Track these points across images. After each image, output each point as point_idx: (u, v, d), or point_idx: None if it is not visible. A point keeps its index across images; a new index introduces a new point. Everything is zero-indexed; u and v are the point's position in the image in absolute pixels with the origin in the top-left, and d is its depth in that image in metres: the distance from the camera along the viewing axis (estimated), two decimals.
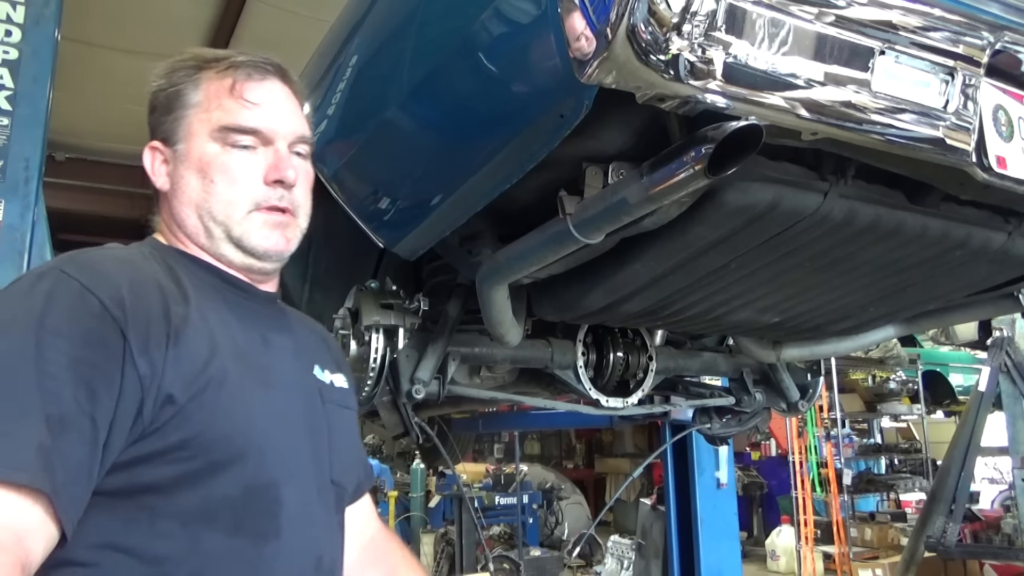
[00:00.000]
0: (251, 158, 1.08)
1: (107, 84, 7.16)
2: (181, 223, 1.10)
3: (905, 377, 9.13)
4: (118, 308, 0.91)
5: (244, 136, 1.08)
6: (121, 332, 0.90)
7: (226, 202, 1.07)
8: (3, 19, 2.55)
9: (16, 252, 2.45)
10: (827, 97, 1.20)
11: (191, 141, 1.08)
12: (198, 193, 1.08)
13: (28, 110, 2.53)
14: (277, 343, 1.11)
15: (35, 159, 2.53)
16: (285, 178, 1.08)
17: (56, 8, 2.64)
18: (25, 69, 2.55)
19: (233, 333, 1.03)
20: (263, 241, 1.09)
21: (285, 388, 1.08)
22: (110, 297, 0.92)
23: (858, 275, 1.85)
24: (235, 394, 0.97)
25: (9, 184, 2.48)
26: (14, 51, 2.55)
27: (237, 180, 1.07)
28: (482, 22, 1.35)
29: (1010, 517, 6.60)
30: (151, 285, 0.98)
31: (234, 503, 0.95)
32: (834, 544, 7.43)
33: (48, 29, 2.61)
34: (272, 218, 1.09)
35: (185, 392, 0.93)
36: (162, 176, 1.11)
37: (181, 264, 1.07)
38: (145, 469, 0.91)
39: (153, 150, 1.12)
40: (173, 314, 0.96)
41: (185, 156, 1.09)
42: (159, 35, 6.46)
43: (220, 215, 1.07)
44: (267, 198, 1.08)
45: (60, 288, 0.92)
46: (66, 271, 0.94)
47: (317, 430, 1.10)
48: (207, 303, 1.03)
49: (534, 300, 2.07)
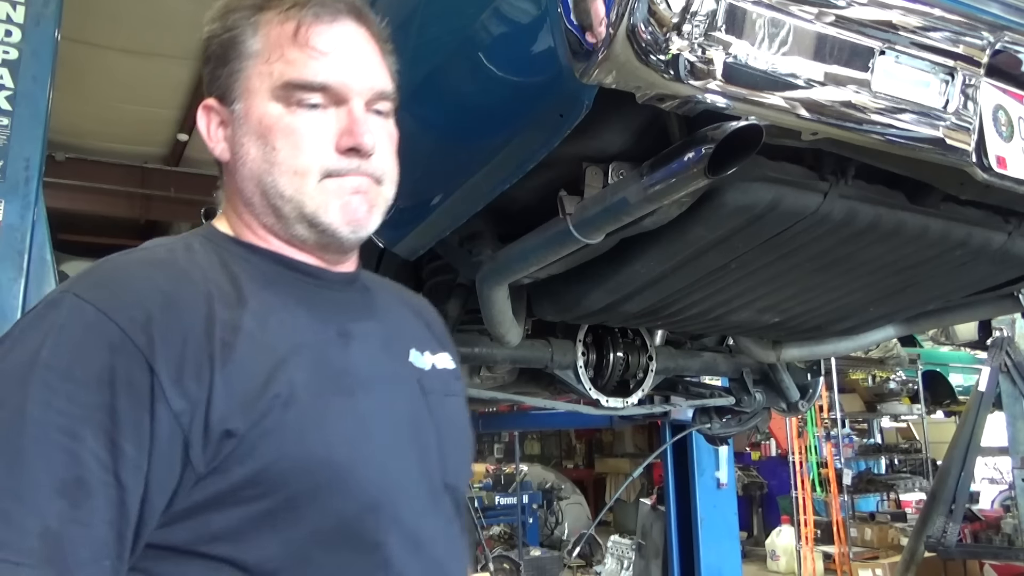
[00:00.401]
0: (321, 119, 0.89)
1: (107, 84, 7.16)
2: (247, 201, 0.92)
3: (905, 377, 9.13)
4: (141, 333, 0.76)
5: (311, 94, 0.89)
6: (146, 363, 0.75)
7: (292, 173, 0.88)
8: (3, 19, 2.54)
9: (16, 252, 2.45)
10: (827, 97, 1.19)
11: (250, 100, 0.90)
12: (259, 164, 0.90)
13: (28, 110, 2.53)
14: (360, 334, 0.93)
15: (35, 159, 2.53)
16: (360, 145, 0.89)
17: (56, 8, 2.64)
18: (25, 69, 2.55)
19: (302, 335, 0.86)
20: (340, 214, 0.90)
21: (374, 389, 0.90)
22: (130, 320, 0.76)
23: (858, 275, 1.85)
24: (307, 411, 0.81)
25: (9, 184, 2.48)
26: (14, 51, 2.55)
27: (303, 147, 0.88)
28: (482, 22, 1.35)
29: (1010, 517, 6.59)
30: (192, 293, 0.82)
31: (328, 540, 0.80)
32: (834, 544, 7.43)
33: (48, 29, 2.61)
34: (350, 183, 0.90)
35: (245, 419, 0.77)
36: (220, 142, 0.93)
37: (238, 256, 0.90)
38: (213, 516, 0.76)
39: (208, 110, 0.94)
40: (220, 326, 0.80)
41: (244, 118, 0.91)
42: (159, 35, 6.46)
43: (288, 189, 0.89)
44: (339, 168, 0.89)
45: (71, 318, 0.77)
46: (79, 294, 0.79)
47: (421, 429, 0.93)
48: (270, 302, 0.86)
49: (534, 300, 2.07)
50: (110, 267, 0.84)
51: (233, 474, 0.76)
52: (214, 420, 0.76)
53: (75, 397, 0.73)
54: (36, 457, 0.70)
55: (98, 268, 0.84)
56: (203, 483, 0.76)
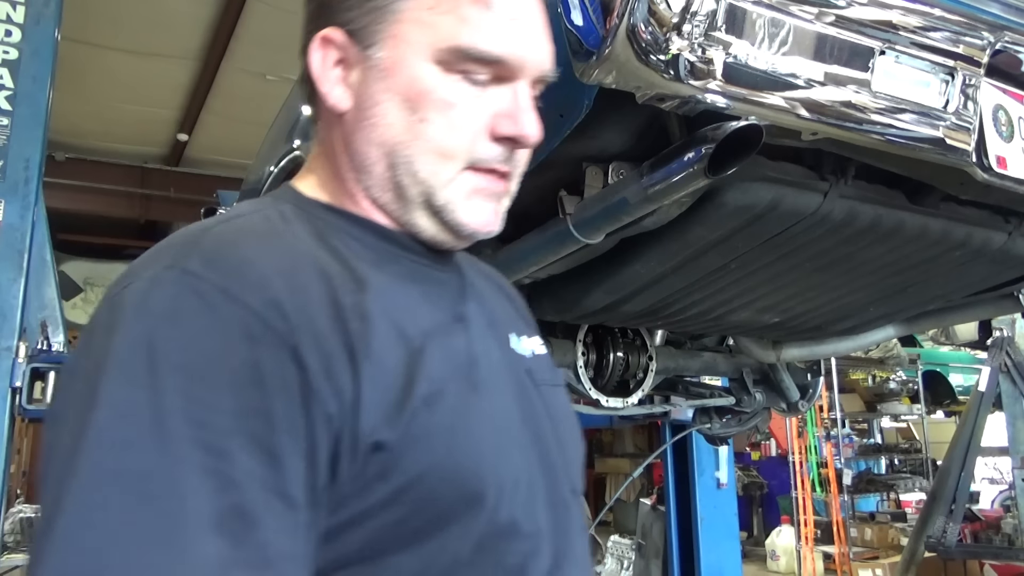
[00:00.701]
0: (480, 96, 0.73)
1: (107, 84, 7.16)
2: (362, 166, 0.74)
3: (905, 377, 9.12)
4: (279, 316, 0.60)
5: (483, 67, 0.72)
6: (293, 355, 0.60)
7: (436, 153, 0.72)
8: (3, 19, 2.55)
9: (16, 252, 2.45)
10: (827, 97, 1.20)
11: (400, 51, 0.72)
12: (397, 132, 0.72)
13: (28, 110, 2.53)
14: (472, 318, 0.78)
15: (35, 159, 2.53)
16: (522, 136, 0.74)
17: (56, 8, 2.64)
18: (25, 69, 2.55)
19: (426, 321, 0.71)
20: (472, 216, 0.75)
21: (496, 383, 0.75)
22: (265, 303, 0.60)
23: (858, 275, 1.85)
24: (452, 413, 0.67)
25: (9, 184, 2.48)
26: (14, 51, 2.55)
27: (458, 126, 0.72)
28: None
29: (1010, 517, 6.59)
30: (310, 271, 0.66)
31: (469, 563, 0.67)
32: (834, 544, 7.42)
33: (48, 29, 2.61)
34: (488, 184, 0.75)
35: (393, 426, 0.63)
36: (338, 86, 0.74)
37: (338, 229, 0.73)
38: (348, 538, 0.62)
39: (327, 44, 0.74)
40: (348, 312, 0.64)
41: (387, 71, 0.72)
42: (159, 35, 6.47)
43: (424, 170, 0.72)
44: (487, 157, 0.74)
45: (186, 298, 0.60)
46: (191, 269, 0.61)
47: (541, 429, 0.78)
48: (386, 283, 0.70)
49: (534, 300, 2.07)
50: (213, 239, 0.66)
51: (377, 491, 0.62)
52: (364, 428, 0.61)
53: (215, 403, 0.56)
54: (179, 487, 0.54)
55: (198, 241, 0.66)
56: (344, 503, 0.62)
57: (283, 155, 2.27)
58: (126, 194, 9.19)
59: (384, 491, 0.63)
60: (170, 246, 0.67)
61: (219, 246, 0.65)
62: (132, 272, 0.65)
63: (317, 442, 0.59)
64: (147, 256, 0.67)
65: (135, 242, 10.85)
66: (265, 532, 0.55)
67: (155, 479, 0.54)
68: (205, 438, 0.55)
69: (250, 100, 7.17)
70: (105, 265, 10.69)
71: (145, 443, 0.55)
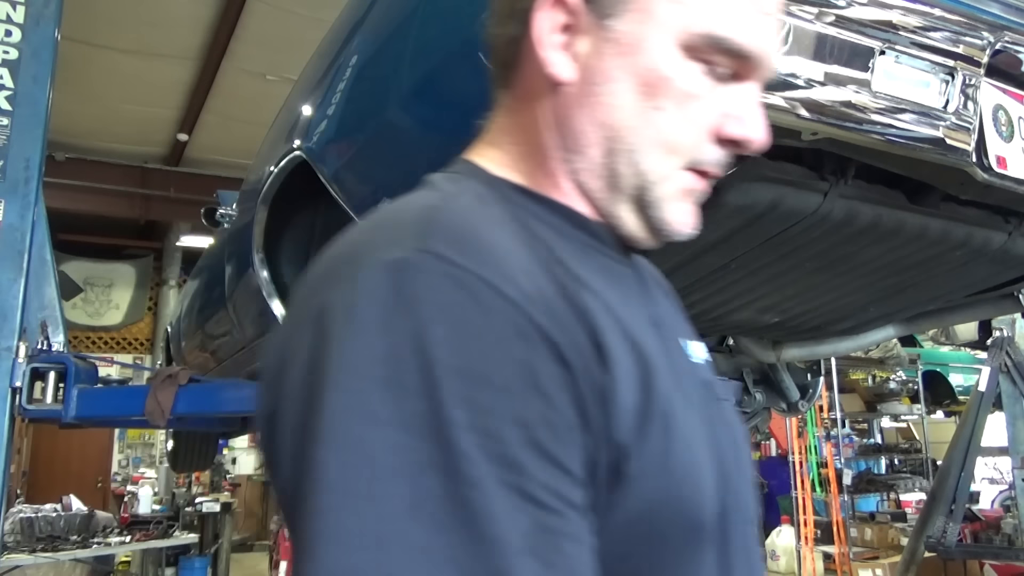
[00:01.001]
0: (714, 92, 0.66)
1: (107, 84, 7.16)
2: (574, 146, 0.67)
3: (905, 377, 9.12)
4: (538, 311, 0.54)
5: (731, 60, 0.65)
6: (556, 352, 0.53)
7: (662, 145, 0.66)
8: (3, 19, 2.55)
9: (16, 252, 2.45)
10: (827, 97, 1.19)
11: (647, 27, 0.64)
12: (626, 115, 0.65)
13: (28, 110, 2.54)
14: (663, 322, 0.71)
15: (35, 159, 2.53)
16: (749, 140, 0.67)
17: (56, 8, 2.65)
18: (25, 69, 2.55)
19: (635, 326, 0.62)
20: (678, 216, 0.69)
21: (696, 398, 0.67)
22: (521, 295, 0.54)
23: (858, 275, 1.85)
24: (682, 434, 0.60)
25: (9, 184, 2.48)
26: (14, 51, 2.55)
27: (692, 121, 0.66)
28: (482, 22, 1.35)
29: (1010, 517, 6.59)
30: (536, 261, 0.59)
31: None
32: (834, 544, 7.42)
33: (48, 29, 2.61)
34: (698, 186, 0.70)
35: (637, 445, 0.56)
36: (560, 53, 0.66)
37: (536, 217, 0.65)
38: None
39: (558, 4, 0.66)
40: (581, 309, 0.57)
41: (627, 46, 0.65)
42: (159, 35, 6.47)
43: (645, 162, 0.66)
44: (708, 159, 0.68)
45: (450, 290, 0.52)
46: (436, 250, 0.53)
47: (724, 455, 0.67)
48: (596, 281, 0.62)
49: None
50: (451, 219, 0.58)
51: (614, 515, 0.55)
52: (615, 443, 0.54)
53: (499, 411, 0.49)
54: (480, 507, 0.47)
55: (430, 219, 0.57)
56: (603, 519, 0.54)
57: (283, 155, 2.27)
58: (126, 194, 9.20)
59: (623, 514, 0.55)
60: (399, 224, 0.58)
61: (461, 229, 0.57)
62: (359, 252, 0.56)
63: (591, 453, 0.53)
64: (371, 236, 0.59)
65: (135, 242, 10.87)
66: (569, 552, 0.49)
67: (456, 501, 0.47)
68: (497, 451, 0.48)
69: (250, 100, 7.17)
70: (105, 265, 10.70)
71: (436, 461, 0.47)
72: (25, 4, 2.57)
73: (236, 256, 2.86)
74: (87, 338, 10.52)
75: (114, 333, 10.80)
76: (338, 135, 1.98)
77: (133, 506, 6.97)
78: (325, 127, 2.01)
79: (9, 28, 2.55)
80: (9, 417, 2.41)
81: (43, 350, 2.62)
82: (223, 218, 3.47)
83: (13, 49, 2.55)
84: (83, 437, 9.54)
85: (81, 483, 9.23)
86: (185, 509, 7.38)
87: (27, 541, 5.40)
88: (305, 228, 2.55)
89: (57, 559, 5.21)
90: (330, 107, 1.98)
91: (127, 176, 9.21)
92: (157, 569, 6.95)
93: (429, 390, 0.48)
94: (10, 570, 4.94)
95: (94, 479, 10.20)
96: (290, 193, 2.39)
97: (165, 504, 7.73)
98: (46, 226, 2.69)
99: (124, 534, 5.96)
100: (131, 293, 10.78)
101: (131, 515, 6.69)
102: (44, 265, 2.69)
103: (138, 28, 6.41)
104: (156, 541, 6.21)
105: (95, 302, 10.55)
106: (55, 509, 5.96)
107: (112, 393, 2.99)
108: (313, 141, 2.07)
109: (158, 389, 2.69)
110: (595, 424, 0.53)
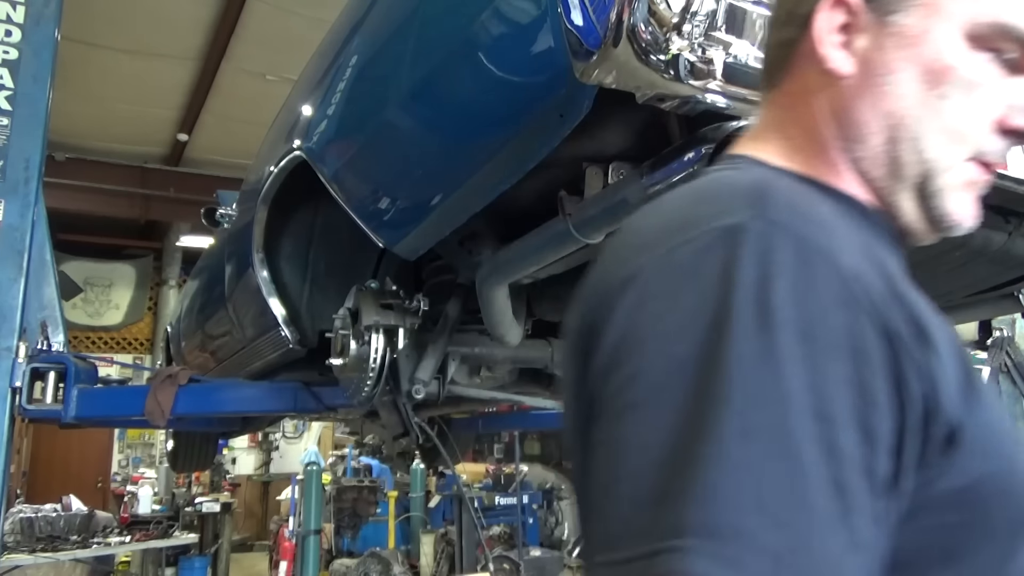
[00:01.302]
0: (1001, 82, 0.68)
1: (107, 84, 7.17)
2: (856, 135, 0.68)
3: None
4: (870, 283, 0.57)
5: (1016, 47, 0.67)
6: (883, 325, 0.55)
7: (947, 134, 0.67)
8: (3, 19, 2.55)
9: (16, 252, 2.45)
10: None
11: (932, 20, 0.66)
12: (908, 104, 0.67)
13: (28, 110, 2.54)
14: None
15: (35, 159, 2.54)
16: None
17: (56, 8, 2.65)
18: (25, 69, 2.55)
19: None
20: (960, 208, 0.70)
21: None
22: (853, 267, 0.57)
23: None
24: (992, 411, 0.62)
25: (9, 184, 2.48)
26: (14, 51, 2.55)
27: (977, 109, 0.67)
28: (482, 22, 1.35)
29: None
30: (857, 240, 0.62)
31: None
32: None
33: (48, 29, 2.61)
34: (981, 178, 0.71)
35: (964, 416, 0.57)
36: (839, 50, 0.69)
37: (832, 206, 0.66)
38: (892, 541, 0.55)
39: (840, 5, 0.69)
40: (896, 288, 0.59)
41: (911, 39, 0.67)
42: (159, 35, 6.48)
43: (930, 150, 0.67)
44: (992, 150, 0.69)
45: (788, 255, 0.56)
46: (779, 221, 0.57)
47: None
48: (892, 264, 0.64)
49: (534, 300, 2.07)
50: (782, 193, 0.61)
51: (933, 490, 0.56)
52: (942, 412, 0.56)
53: (824, 369, 0.52)
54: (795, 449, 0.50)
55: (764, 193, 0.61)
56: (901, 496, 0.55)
57: (283, 155, 2.27)
58: (126, 194, 9.19)
59: (940, 491, 0.57)
60: (734, 196, 0.62)
61: (795, 202, 0.61)
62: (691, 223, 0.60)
63: (906, 425, 0.54)
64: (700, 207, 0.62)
65: (135, 242, 10.87)
66: (858, 515, 0.51)
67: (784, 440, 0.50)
68: (817, 405, 0.51)
69: (250, 100, 7.17)
70: (105, 265, 10.69)
71: (771, 403, 0.51)
72: (25, 4, 2.57)
73: (236, 256, 2.86)
74: (87, 338, 10.52)
75: (114, 333, 10.79)
76: (338, 135, 1.98)
77: (133, 506, 6.97)
78: (325, 127, 2.01)
79: (9, 28, 2.55)
80: (9, 417, 2.41)
81: (43, 350, 2.62)
82: (223, 218, 3.48)
83: (13, 49, 2.55)
84: (83, 437, 9.54)
85: (81, 483, 9.23)
86: (185, 509, 7.38)
87: (27, 541, 5.40)
88: (305, 228, 2.55)
89: (57, 559, 5.21)
90: (330, 107, 1.98)
91: (127, 176, 9.21)
92: (157, 569, 6.94)
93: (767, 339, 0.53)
94: (10, 570, 4.94)
95: (94, 479, 10.20)
96: (290, 193, 2.39)
97: (165, 504, 7.73)
98: (46, 226, 2.69)
99: (124, 534, 5.96)
100: (131, 293, 10.77)
101: (131, 515, 6.69)
102: (44, 265, 2.69)
103: (138, 28, 6.41)
104: (156, 541, 6.21)
105: (95, 302, 10.55)
106: (55, 509, 5.96)
107: (112, 393, 3.00)
108: (313, 141, 2.08)
109: (158, 389, 2.69)
110: (920, 396, 0.55)
